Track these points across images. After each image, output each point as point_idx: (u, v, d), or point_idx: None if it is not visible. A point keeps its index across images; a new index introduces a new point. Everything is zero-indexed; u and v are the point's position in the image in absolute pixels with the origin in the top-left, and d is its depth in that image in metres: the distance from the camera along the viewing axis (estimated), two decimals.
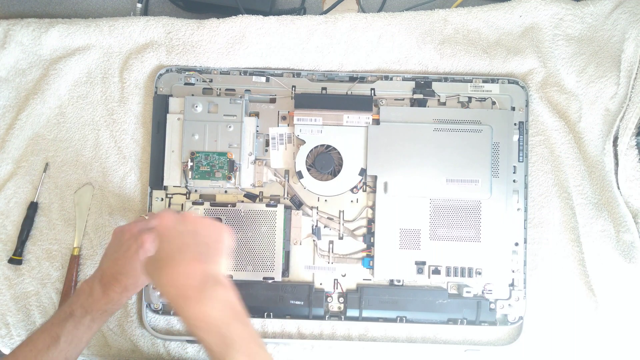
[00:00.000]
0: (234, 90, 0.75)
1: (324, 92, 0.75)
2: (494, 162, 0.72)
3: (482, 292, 0.72)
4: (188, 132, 0.72)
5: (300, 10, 0.83)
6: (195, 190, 0.74)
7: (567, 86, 0.74)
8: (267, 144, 0.74)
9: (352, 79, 0.76)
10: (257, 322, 0.73)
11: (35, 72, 0.76)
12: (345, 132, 0.73)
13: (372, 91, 0.75)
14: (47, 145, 0.75)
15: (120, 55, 0.76)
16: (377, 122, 0.73)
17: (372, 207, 0.73)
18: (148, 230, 0.63)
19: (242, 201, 0.73)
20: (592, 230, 0.72)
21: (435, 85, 0.75)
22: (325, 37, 0.75)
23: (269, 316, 0.72)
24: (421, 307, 0.72)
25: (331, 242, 0.73)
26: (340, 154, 0.73)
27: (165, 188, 0.74)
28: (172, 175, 0.72)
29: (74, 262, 0.73)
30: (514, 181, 0.73)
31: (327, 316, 0.73)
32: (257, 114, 0.74)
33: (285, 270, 0.72)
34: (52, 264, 0.74)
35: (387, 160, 0.72)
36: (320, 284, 0.73)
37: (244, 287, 0.71)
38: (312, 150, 0.73)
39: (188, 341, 0.73)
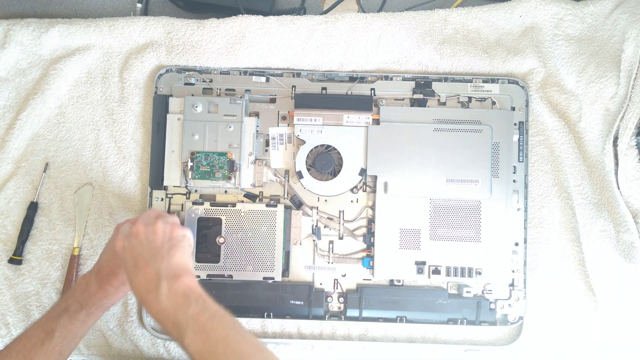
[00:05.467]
0: (234, 90, 0.75)
1: (324, 92, 0.75)
2: (494, 162, 0.72)
3: (482, 292, 0.72)
4: (188, 132, 0.72)
5: (300, 10, 0.83)
6: (195, 190, 0.74)
7: (567, 86, 0.74)
8: (267, 144, 0.74)
9: (352, 79, 0.76)
10: (257, 322, 0.73)
11: (35, 72, 0.76)
12: (345, 132, 0.73)
13: (372, 91, 0.75)
14: (47, 145, 0.75)
15: (120, 55, 0.76)
16: (377, 122, 0.73)
17: (372, 207, 0.73)
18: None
19: (242, 201, 0.73)
20: (592, 230, 0.72)
21: (435, 85, 0.75)
22: (325, 37, 0.75)
23: (269, 316, 0.72)
24: (421, 307, 0.72)
25: (331, 242, 0.73)
26: (340, 154, 0.73)
27: (165, 188, 0.74)
28: (172, 175, 0.72)
29: (74, 262, 0.73)
30: (514, 181, 0.73)
31: (327, 316, 0.73)
32: (257, 114, 0.74)
33: (285, 270, 0.72)
34: (52, 264, 0.74)
35: (387, 160, 0.72)
36: (320, 284, 0.73)
37: (244, 287, 0.71)
38: (312, 150, 0.73)
39: None
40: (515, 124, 0.74)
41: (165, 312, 0.51)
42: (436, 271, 0.71)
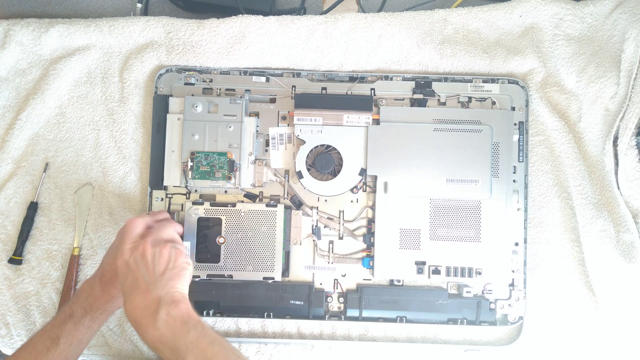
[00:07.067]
0: (234, 90, 0.75)
1: (324, 92, 0.75)
2: (494, 162, 0.72)
3: (482, 292, 0.72)
4: (188, 132, 0.72)
5: (300, 10, 0.83)
6: (195, 190, 0.74)
7: (567, 86, 0.74)
8: (267, 144, 0.74)
9: (352, 79, 0.76)
10: (257, 322, 0.73)
11: (35, 72, 0.76)
12: (345, 132, 0.73)
13: (372, 91, 0.75)
14: (47, 145, 0.75)
15: (120, 55, 0.76)
16: (377, 122, 0.73)
17: (372, 207, 0.73)
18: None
19: (242, 201, 0.73)
20: (592, 230, 0.72)
21: (435, 85, 0.75)
22: (325, 37, 0.75)
23: (269, 316, 0.72)
24: (421, 307, 0.72)
25: (331, 242, 0.73)
26: (340, 154, 0.73)
27: (165, 188, 0.74)
28: (172, 175, 0.72)
29: (74, 262, 0.73)
30: (514, 181, 0.73)
31: (327, 316, 0.73)
32: (257, 114, 0.74)
33: (285, 270, 0.72)
34: (52, 264, 0.74)
35: (387, 160, 0.72)
36: (320, 284, 0.73)
37: (244, 287, 0.71)
38: (312, 150, 0.73)
39: None
40: (515, 124, 0.74)
41: (163, 338, 0.51)
42: (436, 271, 0.71)
